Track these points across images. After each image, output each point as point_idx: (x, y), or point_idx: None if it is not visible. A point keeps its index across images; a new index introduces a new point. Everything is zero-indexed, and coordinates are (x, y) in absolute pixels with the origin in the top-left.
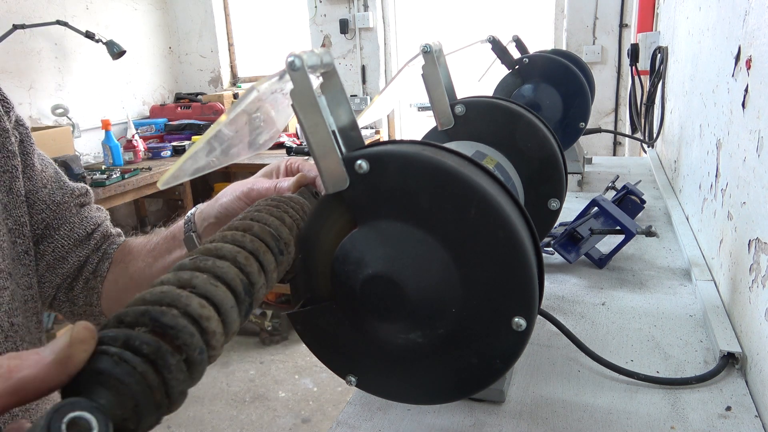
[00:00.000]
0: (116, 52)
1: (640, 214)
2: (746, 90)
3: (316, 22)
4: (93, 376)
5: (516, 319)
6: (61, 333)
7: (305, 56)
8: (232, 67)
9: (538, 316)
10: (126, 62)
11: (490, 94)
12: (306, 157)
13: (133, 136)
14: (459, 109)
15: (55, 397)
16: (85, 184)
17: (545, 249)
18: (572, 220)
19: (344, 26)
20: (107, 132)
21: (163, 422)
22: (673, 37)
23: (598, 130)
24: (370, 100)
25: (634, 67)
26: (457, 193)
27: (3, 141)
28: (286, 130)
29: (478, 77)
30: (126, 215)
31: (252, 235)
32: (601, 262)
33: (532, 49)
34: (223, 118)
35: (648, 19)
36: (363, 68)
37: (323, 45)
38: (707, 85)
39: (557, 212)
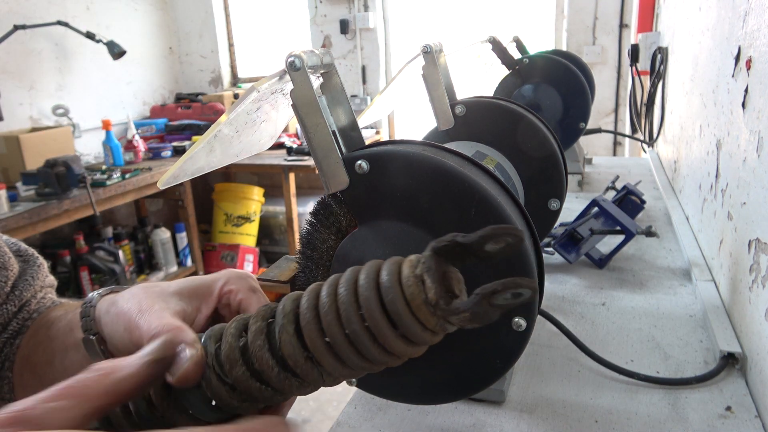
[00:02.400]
0: (117, 52)
1: (640, 215)
2: (746, 90)
3: (316, 22)
4: None
5: (516, 319)
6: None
7: (305, 56)
8: (233, 68)
9: (538, 317)
10: (126, 62)
11: (490, 94)
12: (252, 287)
13: (133, 137)
14: (459, 109)
15: None
16: (86, 184)
17: (545, 249)
18: (572, 220)
19: (344, 26)
20: (108, 132)
21: None
22: (673, 38)
23: (598, 131)
24: (371, 100)
25: (634, 68)
26: (458, 193)
27: None
28: (286, 130)
29: (479, 77)
30: (126, 215)
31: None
32: (601, 262)
33: (532, 49)
34: (223, 118)
35: (648, 19)
36: (363, 68)
37: (323, 45)
38: (707, 85)
39: (557, 212)
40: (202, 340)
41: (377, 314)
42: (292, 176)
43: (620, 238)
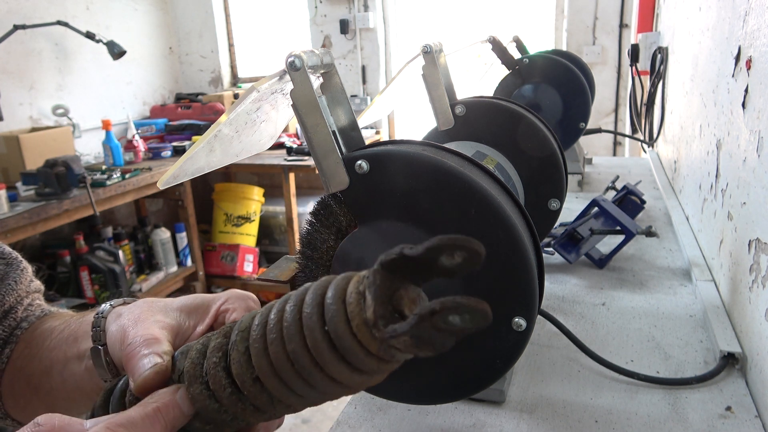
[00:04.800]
0: (117, 52)
1: (640, 215)
2: (746, 90)
3: (316, 22)
4: None
5: (516, 320)
6: None
7: (305, 56)
8: (233, 68)
9: (538, 317)
10: (126, 62)
11: (491, 94)
12: (249, 308)
13: (133, 137)
14: (459, 109)
15: None
16: (86, 184)
17: (545, 249)
18: (572, 220)
19: (344, 26)
20: (108, 132)
21: None
22: (673, 38)
23: (599, 131)
24: (371, 100)
25: (634, 68)
26: (457, 193)
27: None
28: (286, 130)
29: (479, 77)
30: (126, 215)
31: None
32: (601, 262)
33: (532, 49)
34: (223, 118)
35: (648, 19)
36: (363, 68)
37: (323, 45)
38: (707, 85)
39: (557, 212)
40: (175, 354)
41: (317, 333)
42: (292, 176)
43: (620, 238)
